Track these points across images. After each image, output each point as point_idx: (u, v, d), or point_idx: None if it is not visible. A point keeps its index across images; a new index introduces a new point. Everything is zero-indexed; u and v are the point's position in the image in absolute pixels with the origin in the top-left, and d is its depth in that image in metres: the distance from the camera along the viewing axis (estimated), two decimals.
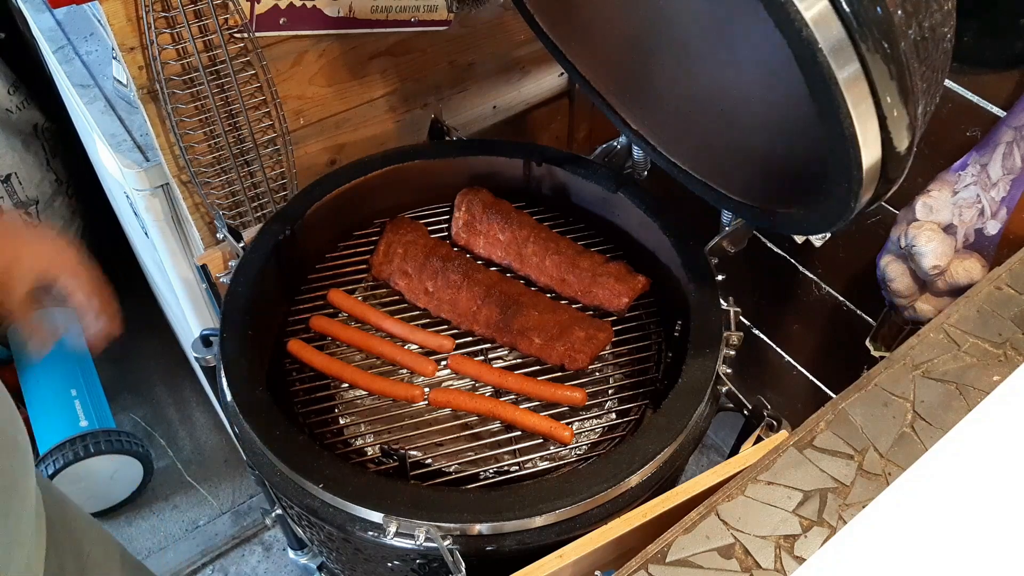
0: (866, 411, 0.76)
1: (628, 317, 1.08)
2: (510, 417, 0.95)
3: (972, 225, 0.98)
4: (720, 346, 0.93)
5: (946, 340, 0.81)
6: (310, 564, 1.35)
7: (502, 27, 1.33)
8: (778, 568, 0.65)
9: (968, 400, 0.75)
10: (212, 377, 1.02)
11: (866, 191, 0.67)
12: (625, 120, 1.04)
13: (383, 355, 1.03)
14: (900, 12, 0.59)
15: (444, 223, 1.20)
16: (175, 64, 1.01)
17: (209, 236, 1.23)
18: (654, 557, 0.66)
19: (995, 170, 0.95)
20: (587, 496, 0.79)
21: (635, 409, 1.00)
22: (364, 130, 1.28)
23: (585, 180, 1.15)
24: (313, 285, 1.12)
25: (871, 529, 0.67)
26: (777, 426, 0.86)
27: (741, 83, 0.88)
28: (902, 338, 1.06)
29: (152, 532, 1.78)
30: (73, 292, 0.74)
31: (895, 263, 1.04)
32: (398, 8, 1.16)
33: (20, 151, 1.72)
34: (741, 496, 0.70)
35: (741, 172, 0.92)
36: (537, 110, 1.52)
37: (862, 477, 0.71)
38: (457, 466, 0.94)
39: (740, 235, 1.02)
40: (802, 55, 0.59)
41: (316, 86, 1.17)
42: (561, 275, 1.10)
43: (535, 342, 1.02)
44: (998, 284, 0.86)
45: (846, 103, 0.60)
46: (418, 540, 0.77)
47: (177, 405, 1.99)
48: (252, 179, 1.19)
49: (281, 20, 1.06)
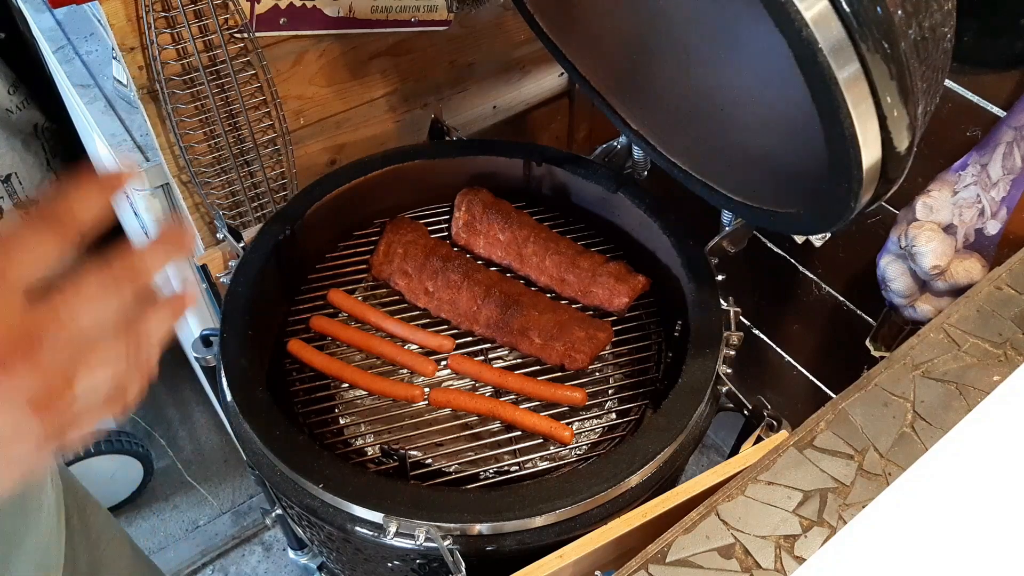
0: (866, 411, 0.76)
1: (628, 317, 1.08)
2: (510, 417, 0.95)
3: (972, 225, 0.98)
4: (720, 346, 0.93)
5: (946, 340, 0.81)
6: (310, 564, 1.35)
7: (502, 27, 1.33)
8: (778, 568, 0.65)
9: (968, 400, 0.75)
10: (212, 377, 1.02)
11: (866, 191, 0.67)
12: (625, 120, 1.04)
13: (383, 355, 1.03)
14: (900, 12, 0.59)
15: (444, 223, 1.20)
16: (175, 64, 1.01)
17: (209, 236, 1.23)
18: (654, 557, 0.66)
19: (995, 170, 0.95)
20: (587, 496, 0.79)
21: (635, 409, 1.00)
22: (364, 130, 1.28)
23: (585, 180, 1.15)
24: (313, 285, 1.12)
25: (871, 529, 0.67)
26: (777, 426, 0.86)
27: (741, 83, 0.88)
28: (902, 338, 1.06)
29: (152, 532, 1.78)
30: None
31: (895, 263, 1.04)
32: (398, 8, 1.16)
33: (20, 151, 1.72)
34: (741, 496, 0.70)
35: (741, 172, 0.92)
36: (537, 110, 1.52)
37: (862, 477, 0.71)
38: (457, 466, 0.94)
39: (740, 235, 1.02)
40: (802, 55, 0.59)
41: (316, 86, 1.17)
42: (561, 275, 1.10)
43: (535, 342, 1.02)
44: (998, 284, 0.86)
45: (846, 103, 0.60)
46: (418, 540, 0.77)
47: (177, 405, 1.99)
48: (252, 179, 1.19)
49: (281, 20, 1.06)
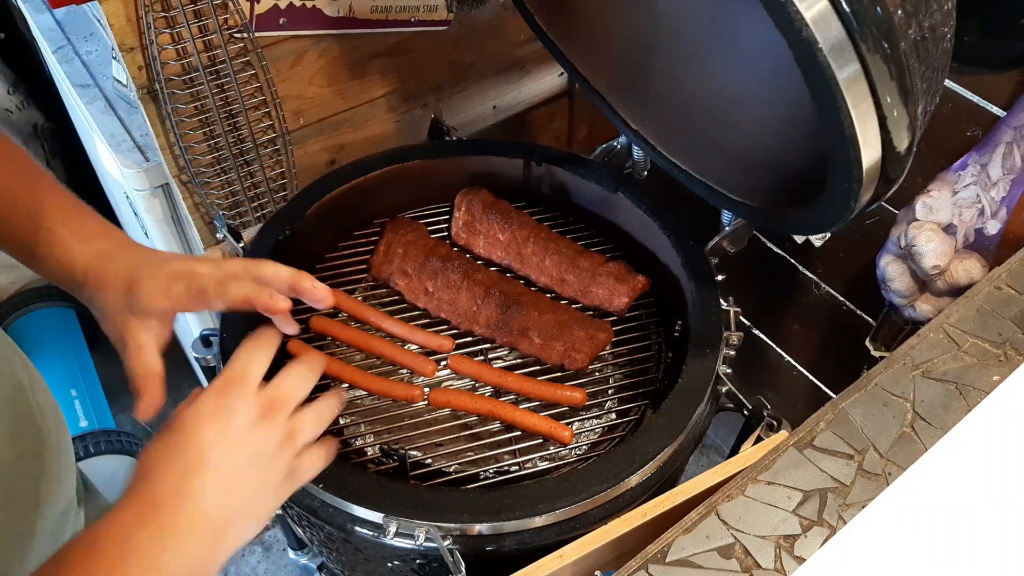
0: (866, 411, 0.76)
1: (628, 317, 1.08)
2: (510, 417, 0.95)
3: (972, 225, 0.98)
4: (720, 346, 0.93)
5: (946, 340, 0.81)
6: (310, 564, 1.35)
7: (502, 27, 1.33)
8: (778, 568, 0.65)
9: (968, 400, 0.75)
10: (212, 377, 1.01)
11: (866, 191, 0.67)
12: (625, 120, 1.04)
13: (383, 355, 1.03)
14: (900, 12, 0.59)
15: (444, 223, 1.20)
16: (175, 64, 1.01)
17: (209, 236, 1.23)
18: (654, 557, 0.66)
19: (995, 170, 0.95)
20: (587, 496, 0.79)
21: (635, 409, 1.00)
22: (364, 130, 1.28)
23: (585, 180, 1.15)
24: None
25: (871, 529, 0.67)
26: (777, 426, 0.86)
27: (741, 83, 0.88)
28: (902, 338, 1.06)
29: None
30: None
31: (895, 263, 1.04)
32: (398, 8, 1.16)
33: None
34: (741, 496, 0.70)
35: (741, 172, 0.92)
36: (537, 110, 1.52)
37: (862, 477, 0.71)
38: (457, 466, 0.94)
39: (740, 235, 1.02)
40: (802, 55, 0.59)
41: (316, 86, 1.17)
42: (561, 275, 1.10)
43: (535, 342, 1.02)
44: (998, 284, 0.86)
45: (846, 103, 0.59)
46: (418, 540, 0.77)
47: (177, 405, 1.98)
48: (252, 179, 1.19)
49: (281, 20, 1.06)
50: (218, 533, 0.53)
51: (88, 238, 0.64)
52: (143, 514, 0.50)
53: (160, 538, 0.49)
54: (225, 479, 0.53)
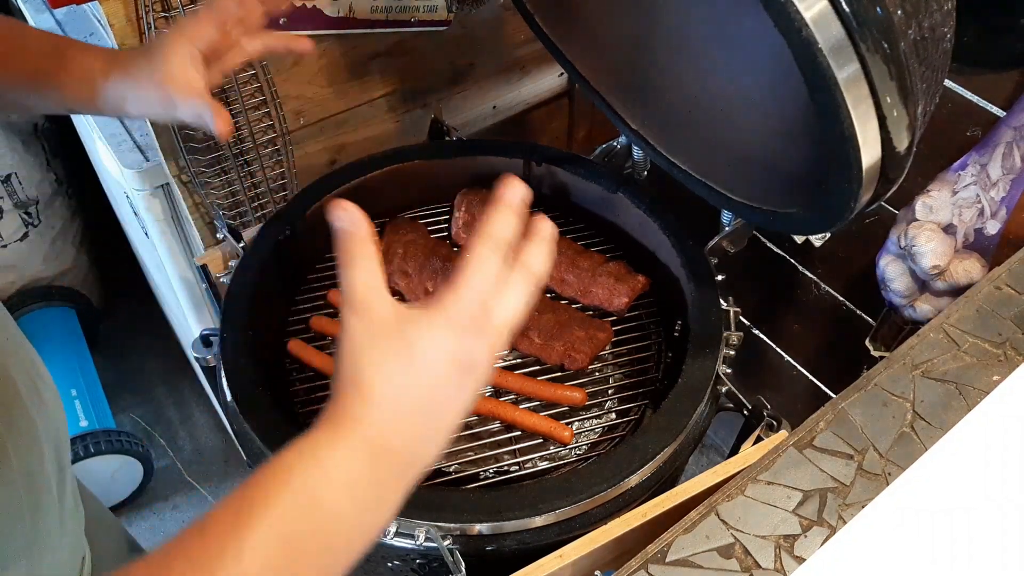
0: (866, 411, 0.76)
1: (628, 317, 1.08)
2: (510, 417, 0.95)
3: (972, 225, 0.98)
4: (720, 346, 0.93)
5: (946, 340, 0.81)
6: None
7: (502, 27, 1.33)
8: (778, 568, 0.65)
9: (968, 400, 0.75)
10: (212, 377, 1.02)
11: (866, 191, 0.67)
12: (625, 120, 1.04)
13: None
14: (900, 12, 0.59)
15: (444, 223, 1.20)
16: None
17: (209, 236, 1.23)
18: (654, 557, 0.66)
19: (995, 170, 0.95)
20: (587, 496, 0.79)
21: (635, 409, 1.00)
22: (364, 130, 1.28)
23: (585, 180, 1.15)
24: (313, 285, 1.12)
25: (871, 529, 0.67)
26: (777, 426, 0.86)
27: (741, 83, 0.88)
28: (902, 338, 1.06)
29: (152, 532, 1.78)
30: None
31: (895, 263, 1.04)
32: (398, 8, 1.16)
33: (20, 151, 1.72)
34: (741, 496, 0.70)
35: (741, 172, 0.92)
36: (537, 110, 1.52)
37: (862, 477, 0.71)
38: (457, 466, 0.94)
39: (740, 235, 1.03)
40: (802, 55, 0.59)
41: (316, 86, 1.17)
42: (561, 275, 1.10)
43: (535, 342, 1.02)
44: (998, 284, 0.86)
45: (846, 103, 0.60)
46: (418, 540, 0.77)
47: (177, 405, 1.99)
48: (252, 179, 1.19)
49: (281, 20, 1.06)
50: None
51: (103, 51, 0.74)
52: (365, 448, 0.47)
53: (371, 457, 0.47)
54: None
